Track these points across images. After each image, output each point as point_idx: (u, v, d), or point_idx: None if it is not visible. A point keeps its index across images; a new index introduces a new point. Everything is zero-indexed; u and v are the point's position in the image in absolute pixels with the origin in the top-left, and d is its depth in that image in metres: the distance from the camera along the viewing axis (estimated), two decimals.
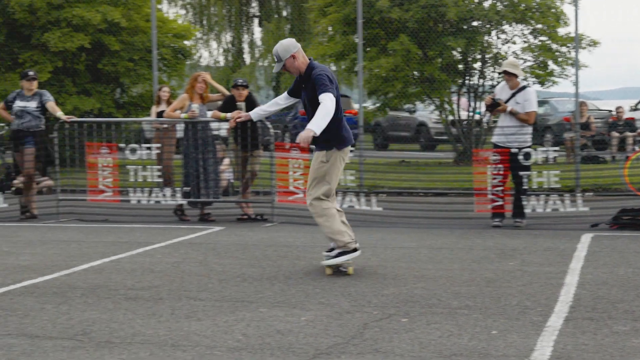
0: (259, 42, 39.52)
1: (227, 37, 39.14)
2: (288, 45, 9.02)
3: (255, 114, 9.66)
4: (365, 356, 5.88)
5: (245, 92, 13.42)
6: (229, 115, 13.30)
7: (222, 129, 14.41)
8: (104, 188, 13.90)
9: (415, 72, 20.76)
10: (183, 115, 13.55)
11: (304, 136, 8.56)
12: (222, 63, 39.32)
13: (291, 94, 9.38)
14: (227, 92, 13.82)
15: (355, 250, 9.07)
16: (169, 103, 14.80)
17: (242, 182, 13.86)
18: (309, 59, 9.08)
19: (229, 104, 13.44)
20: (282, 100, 9.50)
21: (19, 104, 13.91)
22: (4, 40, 21.66)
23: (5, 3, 21.36)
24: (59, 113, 13.97)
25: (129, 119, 20.69)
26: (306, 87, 9.05)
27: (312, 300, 7.65)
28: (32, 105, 13.87)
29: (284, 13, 38.39)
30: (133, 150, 13.84)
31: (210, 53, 39.41)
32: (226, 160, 14.81)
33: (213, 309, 7.37)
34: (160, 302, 7.64)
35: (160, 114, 14.81)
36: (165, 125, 14.37)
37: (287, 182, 13.54)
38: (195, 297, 7.84)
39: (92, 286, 8.41)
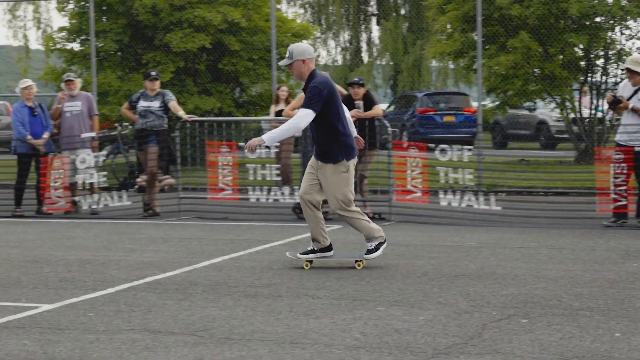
0: (376, 41, 39.53)
1: (345, 35, 39.26)
2: (306, 49, 9.30)
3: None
4: (484, 357, 5.82)
5: (361, 91, 13.42)
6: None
7: None
8: (223, 186, 14.08)
9: (536, 70, 20.43)
10: None
11: (252, 143, 9.11)
12: (340, 62, 39.44)
13: None
14: (344, 92, 13.85)
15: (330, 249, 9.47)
16: (287, 102, 14.94)
17: (357, 180, 13.86)
18: (314, 70, 9.24)
19: (346, 103, 13.45)
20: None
21: (142, 103, 14.21)
22: (128, 41, 22.14)
23: (129, 5, 21.84)
24: (181, 112, 14.23)
25: (248, 117, 20.92)
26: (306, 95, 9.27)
27: (431, 300, 7.61)
28: (155, 105, 14.14)
29: (402, 11, 38.29)
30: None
31: (328, 52, 39.59)
32: None
33: (331, 307, 7.40)
34: (279, 300, 7.71)
35: (279, 113, 14.95)
36: None
37: (405, 180, 13.50)
38: (313, 295, 7.89)
39: (212, 283, 8.54)
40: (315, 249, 9.45)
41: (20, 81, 15.23)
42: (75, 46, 23.37)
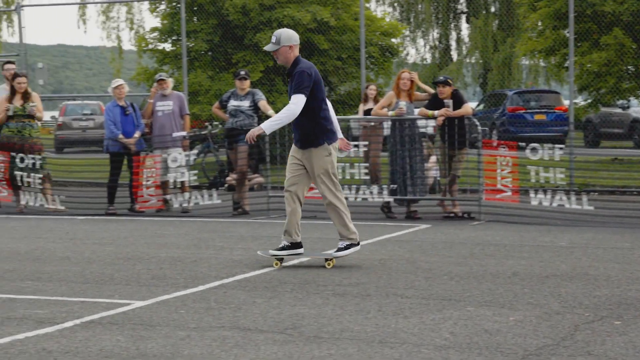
0: (466, 39, 39.26)
1: (435, 34, 39.08)
2: (292, 35, 9.46)
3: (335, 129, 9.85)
4: (576, 359, 5.73)
5: (446, 90, 13.34)
6: (436, 112, 13.29)
7: (429, 126, 14.37)
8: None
9: (630, 67, 20.07)
10: (390, 112, 13.61)
11: (251, 133, 9.26)
12: (429, 60, 39.27)
13: None
14: (432, 91, 13.80)
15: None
16: (376, 101, 14.92)
17: (447, 181, 13.79)
18: (298, 56, 9.40)
19: (436, 102, 13.41)
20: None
21: (232, 103, 14.33)
22: (218, 41, 22.35)
23: (220, 5, 22.05)
24: (271, 111, 14.30)
25: (336, 116, 20.91)
26: (290, 82, 9.40)
27: (521, 301, 7.53)
28: (245, 104, 14.25)
29: (492, 9, 37.96)
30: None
31: (417, 50, 39.46)
32: (433, 158, 14.77)
33: (420, 306, 7.37)
34: (368, 299, 7.70)
35: (367, 112, 14.95)
36: (372, 123, 14.50)
37: (495, 179, 13.38)
38: (402, 295, 7.87)
39: (301, 281, 8.57)
40: (287, 244, 9.50)
41: (112, 81, 15.49)
42: (167, 46, 23.69)
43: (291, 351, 6.05)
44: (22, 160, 14.76)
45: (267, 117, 14.38)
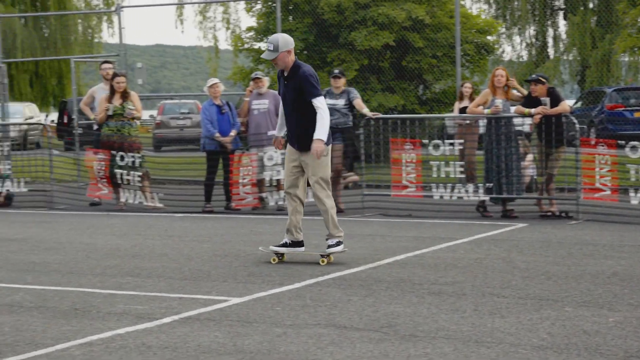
0: (563, 36, 38.65)
1: (531, 31, 38.56)
2: (288, 40, 9.58)
3: (278, 128, 10.10)
4: None
5: (538, 88, 13.14)
6: (533, 110, 13.13)
7: (525, 124, 14.21)
8: (407, 184, 14.08)
9: None
10: (486, 111, 13.50)
11: (319, 149, 9.36)
12: (525, 57, 38.78)
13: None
14: (526, 93, 13.63)
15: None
16: (471, 99, 14.80)
17: (544, 179, 13.61)
18: (296, 59, 9.55)
19: (531, 100, 13.25)
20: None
21: (328, 101, 14.24)
22: (313, 40, 22.44)
23: (315, 4, 22.13)
24: (365, 110, 14.33)
25: (432, 115, 20.85)
26: (289, 85, 9.52)
27: (621, 301, 7.39)
28: (341, 102, 14.28)
29: (590, 5, 37.30)
30: (436, 146, 13.94)
31: (513, 48, 38.97)
32: (529, 157, 14.59)
33: (517, 306, 7.29)
34: (464, 298, 7.65)
35: (463, 110, 14.84)
36: (467, 121, 14.39)
37: (593, 178, 13.15)
38: (498, 294, 7.79)
39: (396, 280, 8.56)
40: (288, 242, 9.75)
41: (207, 80, 15.66)
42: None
43: (387, 349, 6.05)
44: (122, 158, 15.02)
45: (362, 115, 14.43)
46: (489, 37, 23.73)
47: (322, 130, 9.40)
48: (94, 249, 10.86)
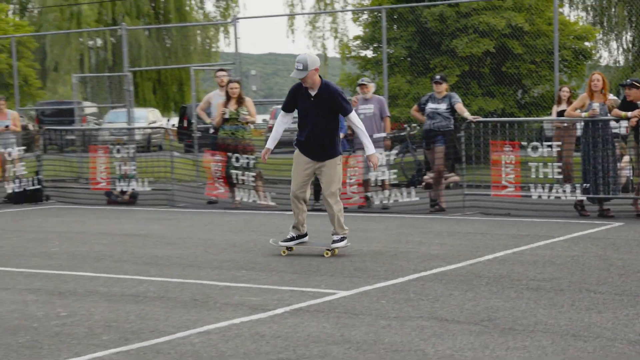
0: None
1: (628, 36, 37.70)
2: (315, 58, 9.63)
3: (272, 140, 10.05)
4: None
5: (632, 92, 12.88)
6: (629, 114, 12.85)
7: (621, 127, 13.90)
8: (506, 184, 13.92)
9: None
10: (584, 114, 13.26)
11: (377, 161, 10.06)
12: (622, 63, 37.94)
13: (288, 110, 9.90)
14: (612, 98, 13.36)
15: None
16: (569, 102, 14.57)
17: None
18: (321, 76, 9.71)
19: (627, 104, 12.96)
20: (287, 121, 9.98)
21: (430, 106, 14.32)
22: (416, 47, 22.34)
23: (418, 13, 22.05)
24: (466, 114, 14.23)
25: (530, 118, 20.54)
26: (318, 101, 9.60)
27: None
28: (442, 106, 14.21)
29: None
30: (534, 148, 13.75)
31: (610, 53, 38.17)
32: (626, 158, 14.27)
33: (613, 302, 7.15)
34: (561, 294, 7.53)
35: (560, 113, 14.61)
36: (565, 124, 14.16)
37: None
38: (595, 290, 7.65)
39: (495, 276, 8.47)
40: (294, 236, 10.01)
41: None
42: (369, 53, 23.89)
43: (486, 342, 6.00)
44: (237, 160, 15.21)
45: (463, 118, 14.32)
46: (586, 43, 23.28)
47: (368, 141, 9.85)
48: (211, 244, 11.03)
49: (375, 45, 23.46)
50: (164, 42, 44.80)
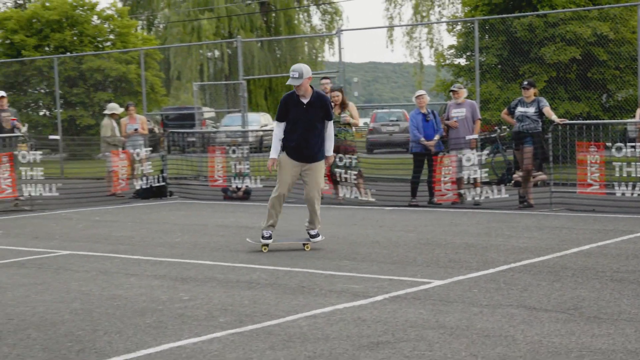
0: None
1: None
2: (309, 69, 9.60)
3: (275, 151, 9.90)
4: None
5: None
6: None
7: None
8: (591, 182, 13.62)
9: None
10: None
11: (330, 163, 10.21)
12: None
13: (283, 119, 9.76)
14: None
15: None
16: None
17: None
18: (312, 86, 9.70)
19: None
20: (283, 130, 9.86)
21: (519, 109, 14.12)
22: (507, 55, 22.04)
23: (509, 24, 21.75)
24: (554, 117, 13.98)
25: (614, 120, 20.05)
26: (310, 108, 9.53)
27: None
28: (531, 110, 14.00)
29: None
30: (618, 149, 13.41)
31: None
32: None
33: None
34: None
35: None
36: None
37: None
38: None
39: (581, 267, 8.30)
40: (271, 234, 9.92)
41: (416, 92, 15.68)
42: (462, 61, 23.66)
43: (573, 329, 5.88)
44: (340, 159, 15.25)
45: (550, 121, 14.07)
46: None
47: (330, 146, 9.97)
48: None
49: (468, 53, 23.22)
50: (274, 52, 45.24)
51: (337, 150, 15.21)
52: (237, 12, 44.78)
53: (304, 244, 10.03)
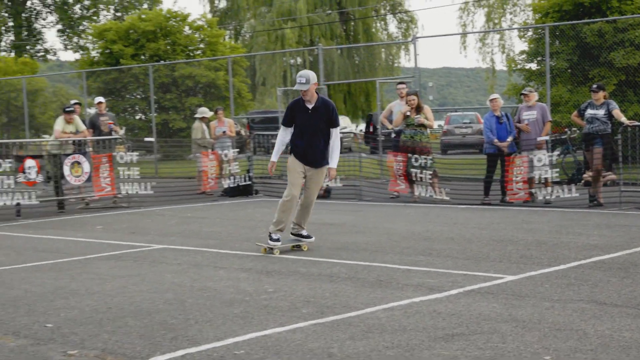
0: None
1: None
2: (315, 75, 9.35)
3: (276, 154, 9.63)
4: None
5: None
6: None
7: None
8: None
9: None
10: None
11: (333, 175, 9.60)
12: None
13: (289, 125, 9.45)
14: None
15: None
16: None
17: None
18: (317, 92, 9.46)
19: None
20: (287, 135, 9.52)
21: (589, 111, 13.84)
22: (577, 60, 21.62)
23: (579, 29, 21.33)
24: (623, 119, 13.65)
25: None
26: (316, 114, 9.24)
27: None
28: (601, 112, 13.71)
29: None
30: None
31: None
32: None
33: None
34: None
35: None
36: None
37: None
38: None
39: None
40: (279, 237, 9.58)
41: (490, 95, 15.50)
42: (533, 66, 23.27)
43: None
44: (416, 160, 15.17)
45: (620, 123, 13.74)
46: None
47: (336, 158, 9.60)
48: (394, 233, 11.04)
49: (539, 58, 22.83)
50: (353, 59, 45.21)
51: (413, 151, 15.19)
52: (318, 21, 44.92)
53: (297, 246, 9.78)
